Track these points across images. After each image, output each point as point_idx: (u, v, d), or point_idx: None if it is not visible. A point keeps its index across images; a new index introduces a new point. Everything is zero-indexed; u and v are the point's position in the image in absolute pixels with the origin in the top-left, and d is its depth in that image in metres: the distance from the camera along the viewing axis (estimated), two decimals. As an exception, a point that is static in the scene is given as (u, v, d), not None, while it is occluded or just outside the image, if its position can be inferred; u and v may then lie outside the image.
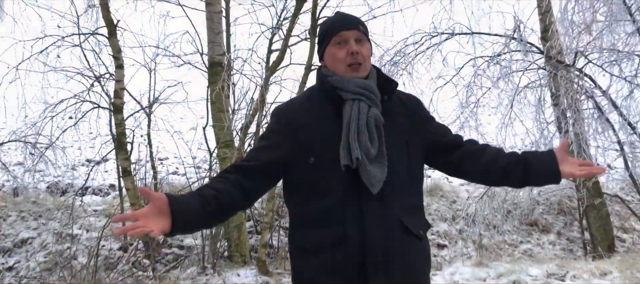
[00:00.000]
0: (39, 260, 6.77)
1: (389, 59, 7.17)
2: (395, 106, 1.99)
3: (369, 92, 1.91)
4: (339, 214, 1.84)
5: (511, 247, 7.47)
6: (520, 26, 6.74)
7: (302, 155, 1.89)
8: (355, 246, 1.80)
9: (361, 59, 1.94)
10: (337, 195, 1.84)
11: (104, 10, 6.53)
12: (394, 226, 1.84)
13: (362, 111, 1.87)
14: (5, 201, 7.98)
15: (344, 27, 1.98)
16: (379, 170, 1.84)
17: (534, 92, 7.02)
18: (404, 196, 1.90)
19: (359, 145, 1.83)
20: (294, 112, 1.98)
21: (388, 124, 1.91)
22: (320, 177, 1.87)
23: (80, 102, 6.95)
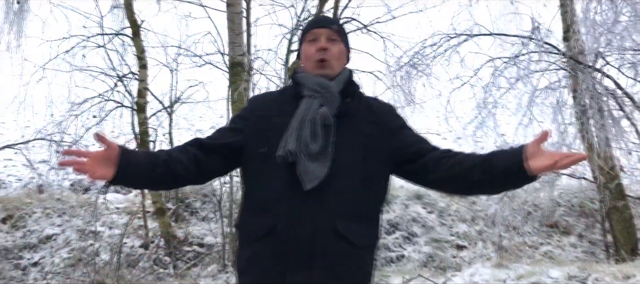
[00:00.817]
0: (63, 256, 6.91)
1: (407, 60, 7.18)
2: (359, 110, 1.96)
3: (325, 90, 1.91)
4: (273, 206, 1.84)
5: (531, 249, 7.42)
6: (538, 27, 6.70)
7: (257, 143, 1.90)
8: (282, 241, 1.81)
9: (329, 56, 1.95)
10: (276, 188, 1.84)
11: (128, 11, 6.65)
12: (325, 229, 1.80)
13: (312, 108, 1.87)
14: (30, 197, 8.14)
15: (317, 25, 2.01)
16: (319, 168, 1.81)
17: (553, 93, 6.97)
18: (348, 201, 1.85)
19: (297, 139, 1.83)
20: (263, 103, 2.02)
21: (345, 126, 1.89)
22: (265, 168, 1.88)
23: (104, 101, 7.09)
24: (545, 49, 6.59)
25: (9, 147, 7.70)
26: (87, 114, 7.13)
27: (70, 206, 7.93)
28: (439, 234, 7.65)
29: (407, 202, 8.20)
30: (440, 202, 8.26)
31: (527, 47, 6.62)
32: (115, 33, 7.17)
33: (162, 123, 7.80)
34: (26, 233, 7.39)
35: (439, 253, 7.31)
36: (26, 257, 7.00)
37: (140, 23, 6.74)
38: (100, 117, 7.12)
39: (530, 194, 7.16)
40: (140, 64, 6.66)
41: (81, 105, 7.03)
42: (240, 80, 6.64)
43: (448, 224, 7.85)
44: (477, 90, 6.97)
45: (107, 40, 7.20)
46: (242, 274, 1.92)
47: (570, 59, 6.58)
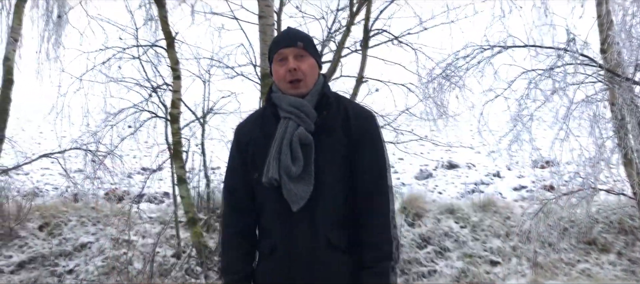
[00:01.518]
0: (97, 264, 7.02)
1: (440, 72, 7.11)
2: (335, 121, 2.00)
3: (299, 111, 1.96)
4: (272, 228, 1.98)
5: (568, 266, 7.21)
6: (574, 39, 6.57)
7: (251, 171, 2.03)
8: (283, 258, 1.94)
9: (300, 75, 2.00)
10: (270, 210, 1.99)
11: (163, 23, 6.76)
12: (320, 242, 1.92)
13: (288, 130, 1.94)
14: (66, 206, 8.32)
15: (283, 45, 2.04)
16: (302, 188, 1.89)
17: (590, 106, 6.81)
18: (334, 212, 1.95)
19: (278, 164, 1.91)
20: (245, 130, 2.12)
21: (324, 140, 1.96)
22: (260, 192, 2.01)
23: (139, 111, 7.21)
24: (581, 61, 6.46)
25: (46, 157, 7.88)
26: (122, 125, 7.26)
27: (105, 215, 8.06)
28: (471, 249, 7.51)
29: (439, 216, 8.08)
30: (473, 216, 8.13)
31: (562, 59, 6.49)
32: (150, 45, 7.30)
33: (195, 134, 7.88)
34: (62, 241, 7.54)
35: (472, 268, 7.17)
36: (62, 264, 7.14)
37: (175, 35, 6.84)
38: (134, 127, 7.24)
39: (567, 210, 6.98)
40: (175, 75, 6.75)
41: (116, 115, 7.16)
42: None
43: (481, 239, 7.71)
44: (511, 102, 6.86)
45: (141, 51, 7.32)
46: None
47: (607, 72, 6.42)
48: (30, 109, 25.75)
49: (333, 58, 7.16)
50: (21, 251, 7.32)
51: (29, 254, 7.25)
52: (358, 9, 6.66)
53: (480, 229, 7.93)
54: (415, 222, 8.00)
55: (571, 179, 6.91)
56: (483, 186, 10.88)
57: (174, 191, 7.53)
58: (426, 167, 12.95)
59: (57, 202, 8.56)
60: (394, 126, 7.97)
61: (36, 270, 6.99)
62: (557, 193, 7.07)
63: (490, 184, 11.03)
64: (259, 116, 2.16)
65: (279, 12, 7.54)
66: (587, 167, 6.73)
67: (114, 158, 7.58)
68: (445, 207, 8.35)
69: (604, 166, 6.64)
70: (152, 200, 9.38)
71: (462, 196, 10.16)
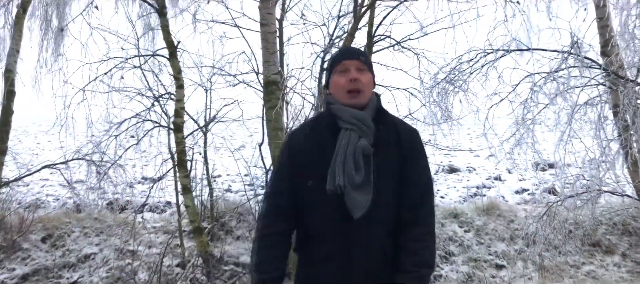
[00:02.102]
0: (102, 275, 6.97)
1: (444, 76, 7.12)
2: (389, 135, 2.14)
3: (361, 123, 2.07)
4: (326, 233, 2.05)
5: (573, 268, 7.21)
6: (577, 41, 6.58)
7: (302, 178, 2.11)
8: (338, 264, 2.03)
9: (360, 86, 2.13)
10: (326, 216, 2.06)
11: (165, 32, 6.74)
12: (376, 251, 2.03)
13: (351, 141, 2.05)
14: (69, 217, 8.27)
15: (346, 57, 2.19)
16: (363, 197, 2.00)
17: (593, 109, 6.82)
18: (388, 222, 2.07)
19: (343, 173, 2.00)
20: (298, 140, 2.21)
21: (380, 153, 2.08)
22: (315, 199, 2.08)
23: (142, 121, 7.18)
24: (584, 63, 6.47)
25: (48, 167, 7.83)
26: (125, 135, 7.22)
27: (108, 226, 8.02)
28: (476, 253, 7.50)
29: (443, 220, 8.08)
30: (477, 221, 8.13)
31: (566, 62, 6.50)
32: (152, 54, 7.28)
33: (198, 142, 7.86)
34: (65, 252, 7.49)
35: (477, 272, 7.16)
36: (66, 276, 7.09)
37: (177, 44, 6.82)
38: (138, 137, 7.20)
39: (571, 211, 6.98)
40: (177, 84, 6.73)
41: (119, 125, 7.13)
42: (276, 98, 6.66)
43: (486, 244, 7.70)
44: (516, 106, 6.87)
45: (143, 61, 7.30)
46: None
47: (610, 74, 6.44)
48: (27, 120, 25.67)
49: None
50: (24, 263, 7.27)
51: (32, 267, 7.19)
52: (362, 14, 6.66)
53: (484, 233, 7.92)
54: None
55: (576, 180, 6.92)
56: (485, 189, 10.90)
57: (178, 200, 7.50)
58: (428, 172, 12.95)
59: (60, 213, 8.52)
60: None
61: (40, 282, 6.94)
62: (561, 195, 7.07)
63: (491, 188, 11.04)
64: (312, 125, 2.27)
65: (281, 19, 7.53)
66: (592, 169, 6.74)
67: (116, 168, 7.54)
68: (448, 212, 8.34)
69: (608, 167, 6.64)
70: (155, 210, 9.34)
71: (464, 199, 10.17)
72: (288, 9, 7.66)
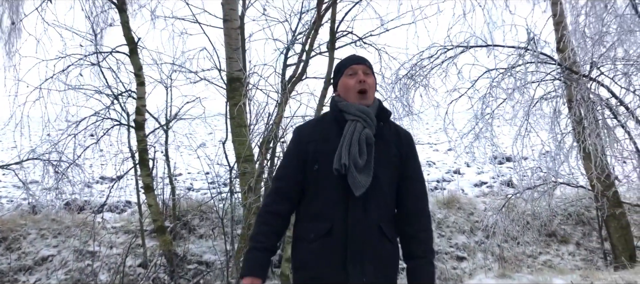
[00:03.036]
0: (60, 278, 6.79)
1: (405, 72, 7.22)
2: (389, 133, 2.43)
3: (366, 116, 2.36)
4: (329, 212, 2.28)
5: (531, 258, 7.44)
6: (534, 38, 6.78)
7: (311, 163, 2.35)
8: (339, 239, 2.24)
9: (367, 87, 2.42)
10: (330, 197, 2.29)
11: (125, 28, 6.60)
12: (372, 228, 2.27)
13: (357, 129, 2.32)
14: (25, 219, 8.00)
15: (355, 62, 2.48)
16: (365, 178, 2.25)
17: (549, 103, 7.05)
18: (383, 206, 2.33)
19: (348, 155, 2.26)
20: (307, 130, 2.47)
21: (380, 145, 2.36)
22: (320, 181, 2.33)
23: (101, 120, 7.01)
24: (541, 59, 6.67)
25: (3, 168, 7.57)
26: (84, 133, 7.04)
27: (66, 226, 7.80)
28: (437, 245, 7.64)
29: (406, 214, 8.20)
30: (438, 213, 8.28)
31: (523, 58, 6.69)
32: (111, 51, 7.10)
33: (159, 140, 7.73)
34: (21, 255, 7.25)
35: (439, 264, 7.30)
36: (22, 280, 6.86)
37: (137, 40, 6.69)
38: (97, 136, 7.03)
39: (529, 203, 7.20)
40: (138, 81, 6.60)
41: (78, 124, 6.94)
42: (239, 95, 6.62)
43: (446, 236, 7.86)
44: (475, 101, 7.02)
45: (101, 58, 7.12)
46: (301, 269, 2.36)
47: (565, 69, 6.66)
48: (-25, 118, 24.63)
49: (298, 60, 7.14)
50: (-22, 267, 7.01)
51: (-14, 271, 6.94)
52: (325, 11, 6.67)
53: (445, 226, 8.08)
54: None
55: (533, 173, 7.13)
56: (445, 183, 11.11)
57: (139, 199, 7.37)
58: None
59: (15, 215, 8.23)
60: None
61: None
62: (519, 188, 7.28)
63: (451, 181, 11.27)
64: (319, 121, 2.54)
65: (242, 16, 7.48)
66: (548, 161, 6.97)
67: (74, 168, 7.34)
68: (410, 206, 8.46)
69: (563, 160, 6.88)
70: (114, 210, 9.15)
71: (425, 193, 10.33)
72: (249, 4, 7.60)
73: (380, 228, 2.29)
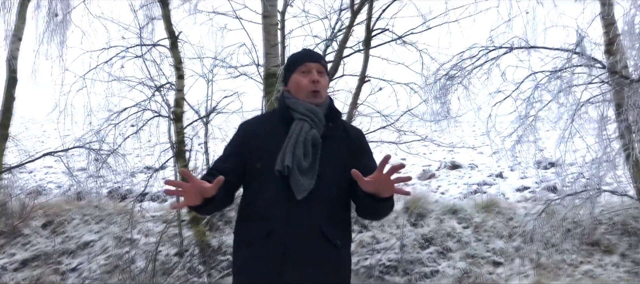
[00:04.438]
0: (100, 263, 7.02)
1: (445, 73, 7.08)
2: (338, 133, 2.33)
3: (313, 115, 2.26)
4: (270, 213, 2.15)
5: (571, 267, 7.17)
6: (582, 40, 6.53)
7: (252, 160, 2.24)
8: (279, 241, 2.10)
9: (320, 87, 2.33)
10: (271, 197, 2.16)
11: (166, 22, 6.75)
12: (314, 231, 2.13)
13: (303, 130, 2.22)
14: (70, 204, 8.32)
15: (309, 59, 2.37)
16: (308, 181, 2.14)
17: (596, 107, 6.78)
18: (328, 210, 2.19)
19: (292, 156, 2.15)
20: (252, 125, 2.38)
21: (328, 146, 2.25)
22: (261, 181, 2.21)
23: (142, 110, 7.20)
24: (588, 62, 6.42)
25: (50, 155, 7.88)
26: (125, 123, 7.24)
27: (108, 214, 8.07)
28: (474, 249, 7.48)
29: (442, 216, 8.06)
30: (475, 217, 8.10)
31: (570, 61, 6.46)
32: (153, 44, 7.28)
33: (198, 133, 7.87)
34: (65, 239, 7.54)
35: (474, 268, 7.15)
36: (65, 262, 7.14)
37: (178, 34, 6.82)
38: (137, 126, 7.23)
39: (570, 210, 6.95)
40: (178, 74, 6.74)
41: (119, 114, 7.15)
42: (275, 90, 6.67)
43: (484, 240, 7.68)
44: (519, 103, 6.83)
45: (144, 50, 7.31)
46: (239, 274, 2.22)
47: (614, 74, 6.39)
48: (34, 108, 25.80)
49: (335, 57, 7.13)
50: (25, 249, 7.33)
51: (32, 252, 7.25)
52: (359, 8, 6.63)
53: (483, 230, 7.90)
54: (418, 222, 7.98)
55: (575, 179, 6.89)
56: (486, 186, 10.86)
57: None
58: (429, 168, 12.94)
59: (61, 200, 8.57)
60: (397, 126, 7.95)
61: (39, 268, 7.00)
62: (561, 194, 7.04)
63: (493, 185, 11.00)
64: (267, 117, 2.45)
65: (283, 12, 7.51)
66: (592, 168, 6.71)
67: (116, 157, 7.57)
68: (448, 208, 8.32)
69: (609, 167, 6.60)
70: (155, 199, 9.38)
71: (464, 196, 10.14)
72: (290, 2, 7.64)
73: (322, 232, 2.14)
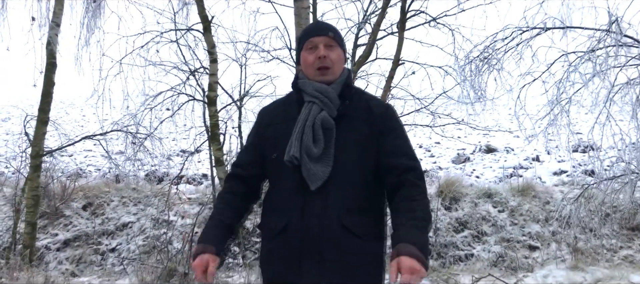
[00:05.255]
0: (138, 243, 7.23)
1: (478, 54, 6.98)
2: (357, 110, 2.11)
3: (323, 96, 2.07)
4: (286, 205, 2.02)
5: (610, 252, 7.05)
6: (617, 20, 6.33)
7: (269, 150, 2.12)
8: (295, 235, 1.97)
9: (329, 63, 2.11)
10: (287, 188, 2.03)
11: (199, 7, 6.83)
12: (331, 222, 1.96)
13: (312, 113, 2.05)
14: (108, 186, 8.57)
15: (314, 34, 2.16)
16: (322, 169, 1.98)
17: (633, 89, 6.57)
18: (350, 196, 2.00)
19: (299, 144, 2.00)
20: (268, 113, 2.24)
21: (344, 126, 2.06)
22: (278, 171, 2.08)
23: (177, 94, 7.34)
24: (624, 43, 6.23)
25: (88, 138, 8.11)
26: (161, 107, 7.40)
27: (145, 196, 8.29)
28: (509, 233, 7.41)
29: (477, 200, 8.00)
30: (511, 201, 8.01)
31: (604, 41, 6.28)
32: (187, 29, 7.39)
33: (232, 116, 7.98)
34: (104, 220, 7.78)
35: (509, 252, 7.09)
36: (105, 243, 7.38)
37: (211, 19, 6.90)
38: (172, 110, 7.37)
39: (609, 195, 6.80)
40: (211, 58, 6.83)
41: (155, 98, 7.30)
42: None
43: (519, 224, 7.60)
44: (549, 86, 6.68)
45: (179, 35, 7.42)
46: (262, 269, 2.15)
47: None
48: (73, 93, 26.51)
49: (368, 40, 7.11)
50: (66, 229, 7.59)
51: (73, 233, 7.51)
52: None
53: (518, 214, 7.81)
54: (452, 206, 7.95)
55: (613, 164, 6.73)
56: (522, 170, 10.71)
57: (212, 173, 7.66)
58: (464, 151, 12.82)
59: (100, 183, 8.83)
60: (431, 109, 7.90)
61: (80, 248, 7.25)
62: (598, 178, 6.89)
63: (529, 169, 10.84)
64: (283, 101, 2.27)
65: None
66: (630, 152, 6.54)
67: (153, 140, 7.75)
68: (482, 192, 8.25)
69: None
70: (191, 181, 9.57)
71: (500, 180, 10.03)
72: (323, -16, 7.62)
73: (340, 221, 1.96)
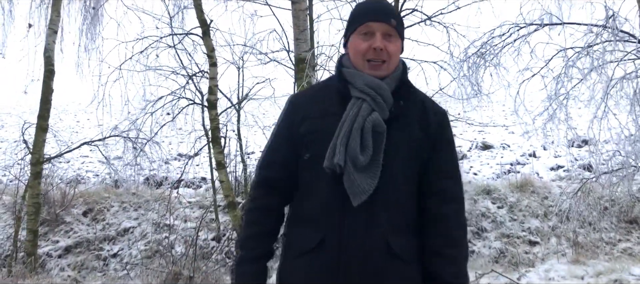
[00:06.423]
0: (140, 248, 7.23)
1: (475, 51, 7.04)
2: (413, 113, 1.77)
3: (376, 93, 1.71)
4: (321, 219, 1.68)
5: (609, 245, 7.13)
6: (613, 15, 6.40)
7: (301, 149, 1.76)
8: (332, 258, 1.65)
9: (385, 56, 1.74)
10: (322, 198, 1.70)
11: (198, 11, 6.85)
12: (377, 245, 1.65)
13: (361, 113, 1.69)
14: (108, 192, 8.57)
15: (373, 18, 1.75)
16: (367, 181, 1.64)
17: (629, 84, 6.65)
18: (398, 213, 1.70)
19: (345, 150, 1.65)
20: (303, 106, 1.81)
21: (396, 131, 1.71)
22: (311, 175, 1.73)
23: (177, 99, 7.35)
24: (620, 37, 6.30)
25: (86, 144, 8.10)
26: (161, 112, 7.41)
27: (146, 200, 8.29)
28: (509, 229, 7.48)
29: (476, 197, 8.06)
30: (510, 197, 8.08)
31: (600, 36, 6.35)
32: (186, 33, 7.41)
33: (231, 119, 8.00)
34: (105, 226, 7.78)
35: (510, 248, 7.15)
36: (106, 248, 7.37)
37: (209, 22, 6.92)
38: (173, 114, 7.38)
39: (606, 188, 6.88)
40: (211, 62, 6.85)
41: (155, 103, 7.31)
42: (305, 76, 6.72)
43: (519, 220, 7.67)
44: (548, 81, 6.76)
45: (177, 40, 7.44)
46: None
47: (650, 48, 6.26)
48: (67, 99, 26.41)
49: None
50: (67, 236, 7.59)
51: (74, 239, 7.51)
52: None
53: (517, 210, 7.88)
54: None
55: (611, 157, 6.80)
56: (519, 166, 10.78)
57: (213, 176, 7.68)
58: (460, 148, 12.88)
59: (99, 188, 8.82)
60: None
61: (82, 254, 7.25)
62: (596, 172, 6.97)
63: (526, 164, 10.91)
64: (320, 90, 1.88)
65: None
66: (628, 145, 6.61)
67: (152, 144, 7.76)
68: (481, 188, 8.31)
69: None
70: (190, 185, 9.58)
71: (497, 176, 10.09)
72: (319, -14, 7.66)
73: (388, 244, 1.66)
